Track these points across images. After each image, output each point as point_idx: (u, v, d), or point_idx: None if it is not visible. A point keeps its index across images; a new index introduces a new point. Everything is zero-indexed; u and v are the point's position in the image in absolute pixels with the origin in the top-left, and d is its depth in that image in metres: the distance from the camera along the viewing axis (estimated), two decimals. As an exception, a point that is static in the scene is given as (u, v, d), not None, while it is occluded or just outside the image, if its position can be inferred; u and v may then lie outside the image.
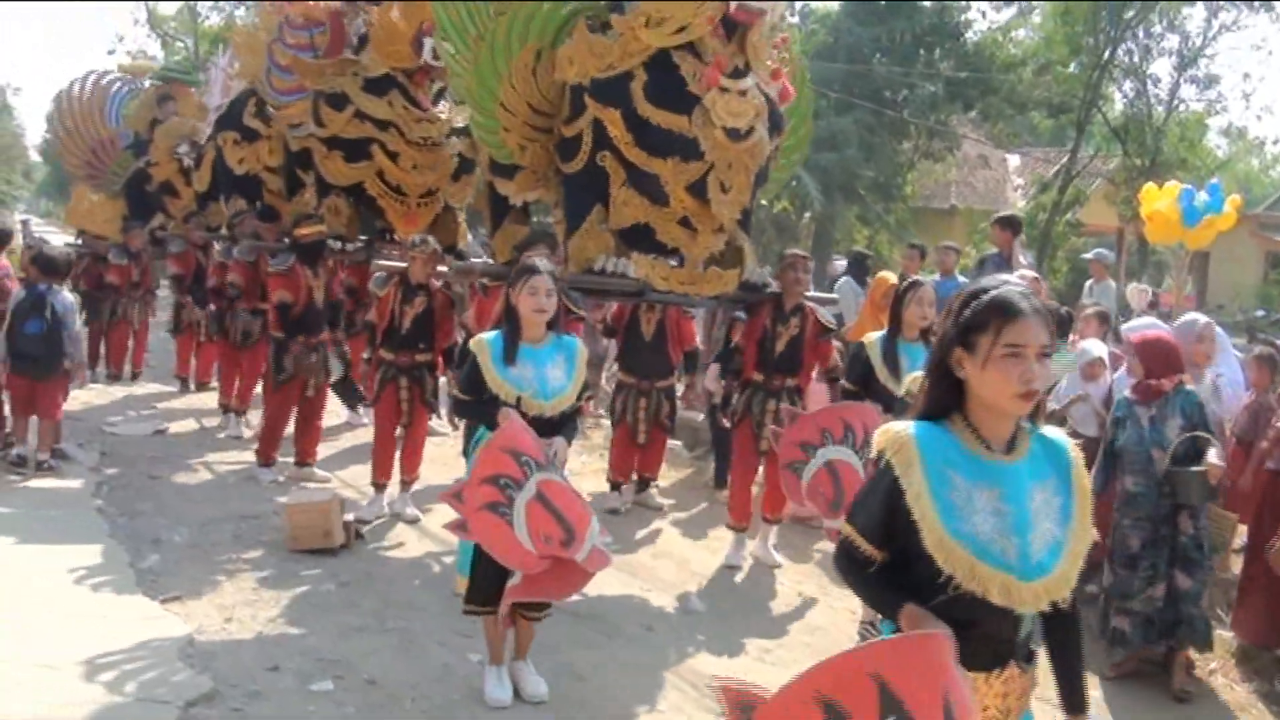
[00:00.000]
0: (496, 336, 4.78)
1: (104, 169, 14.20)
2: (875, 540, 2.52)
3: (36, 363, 8.26)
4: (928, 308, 5.78)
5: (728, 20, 5.94)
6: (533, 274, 4.72)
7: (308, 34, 8.97)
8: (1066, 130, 27.47)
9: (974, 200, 27.02)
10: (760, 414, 6.82)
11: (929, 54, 23.66)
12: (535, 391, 4.67)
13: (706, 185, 6.09)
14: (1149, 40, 24.82)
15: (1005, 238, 9.96)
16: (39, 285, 8.34)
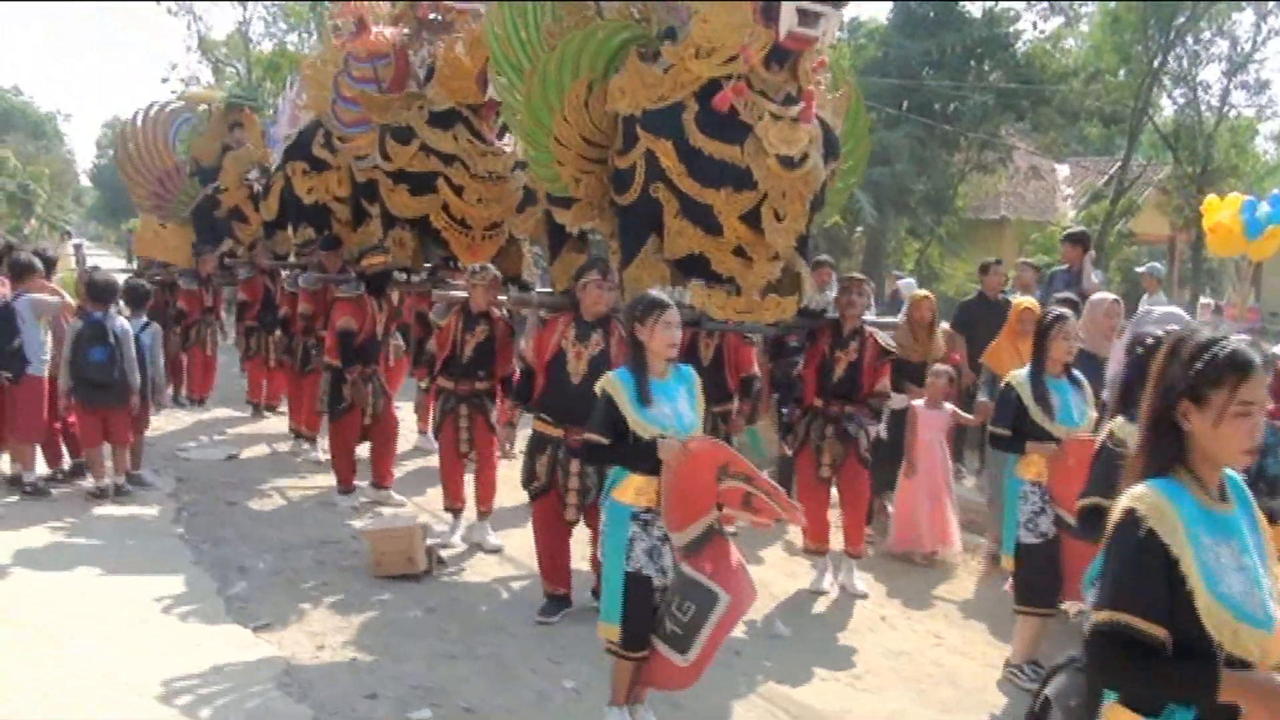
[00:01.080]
0: (626, 374, 4.55)
1: (171, 197, 14.29)
2: (1161, 619, 2.28)
3: (105, 389, 8.24)
4: (1075, 342, 5.51)
5: (778, 48, 5.79)
6: (664, 308, 4.52)
7: (372, 66, 8.93)
8: (1115, 139, 26.98)
9: (1024, 211, 26.57)
10: (820, 439, 6.67)
11: (979, 66, 23.32)
12: (674, 428, 4.46)
13: (760, 214, 5.95)
14: (1198, 46, 24.28)
15: (1075, 253, 9.71)
16: (96, 313, 8.31)
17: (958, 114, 23.38)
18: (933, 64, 22.84)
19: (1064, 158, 27.97)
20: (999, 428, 5.54)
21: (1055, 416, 5.39)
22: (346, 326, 8.26)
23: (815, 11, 5.63)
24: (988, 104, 22.88)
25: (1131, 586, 2.30)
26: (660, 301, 4.56)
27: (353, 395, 8.36)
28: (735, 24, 5.80)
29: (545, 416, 6.10)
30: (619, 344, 5.92)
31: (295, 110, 11.20)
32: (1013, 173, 25.33)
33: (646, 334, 4.51)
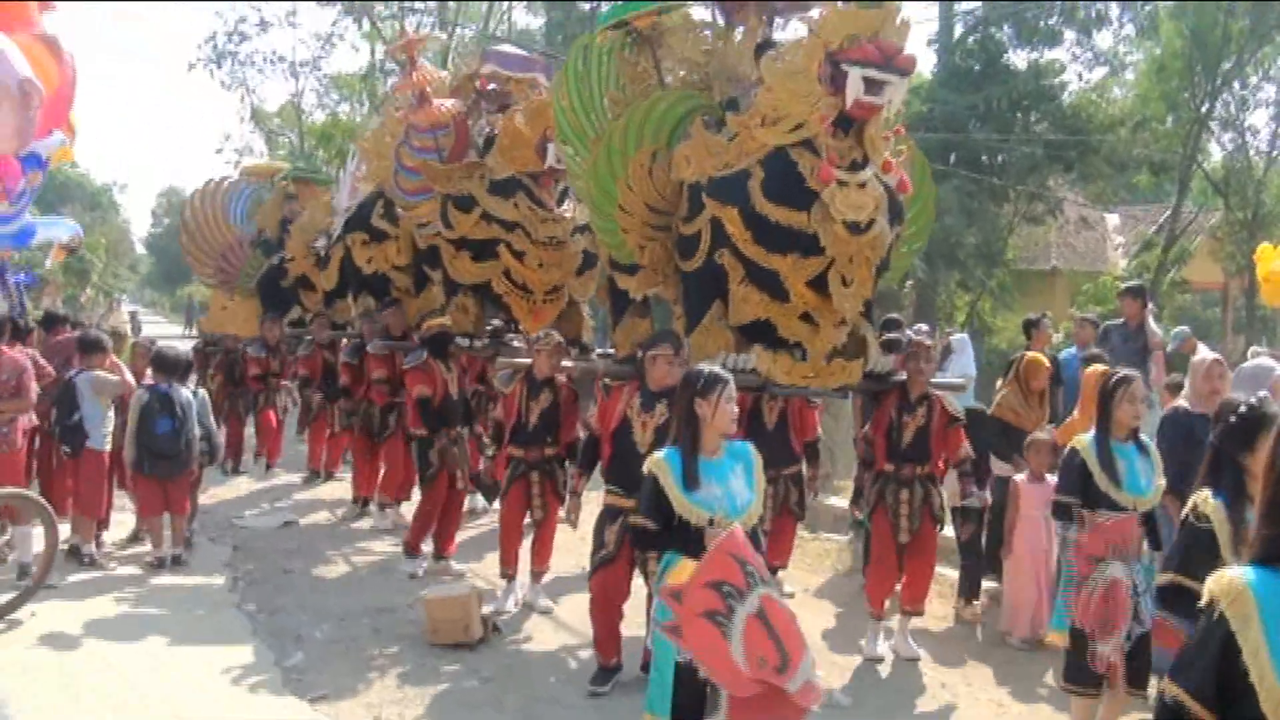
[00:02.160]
0: (674, 455, 4.40)
1: (235, 271, 14.51)
2: (1210, 704, 2.19)
3: (170, 461, 8.36)
4: (1141, 405, 5.34)
5: (844, 116, 5.82)
6: (727, 383, 4.41)
7: (433, 136, 9.10)
8: (1165, 186, 26.81)
9: (1075, 261, 26.43)
10: (894, 503, 6.63)
11: (1025, 117, 23.28)
12: (726, 510, 4.27)
13: (828, 280, 5.94)
14: (1245, 91, 24.18)
15: (1134, 308, 9.53)
16: (161, 385, 8.42)
17: (1005, 166, 23.33)
18: (979, 117, 22.84)
19: (1113, 207, 27.82)
20: (1063, 496, 5.39)
21: (1122, 484, 5.21)
22: (421, 394, 8.41)
23: (881, 80, 5.65)
24: (1035, 155, 22.80)
25: (1190, 665, 2.25)
26: (722, 376, 4.47)
27: (441, 460, 8.45)
28: (802, 93, 5.83)
29: (615, 488, 6.08)
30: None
31: (355, 182, 11.39)
32: (1062, 223, 25.22)
33: (709, 409, 4.38)
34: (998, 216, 23.86)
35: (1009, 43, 23.49)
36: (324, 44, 30.97)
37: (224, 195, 15.07)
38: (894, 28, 5.71)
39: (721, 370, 4.56)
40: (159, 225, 71.74)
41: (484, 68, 9.58)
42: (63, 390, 8.46)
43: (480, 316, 9.32)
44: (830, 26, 5.71)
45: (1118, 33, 24.37)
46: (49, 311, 11.07)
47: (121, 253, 62.53)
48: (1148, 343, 9.32)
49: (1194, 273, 24.93)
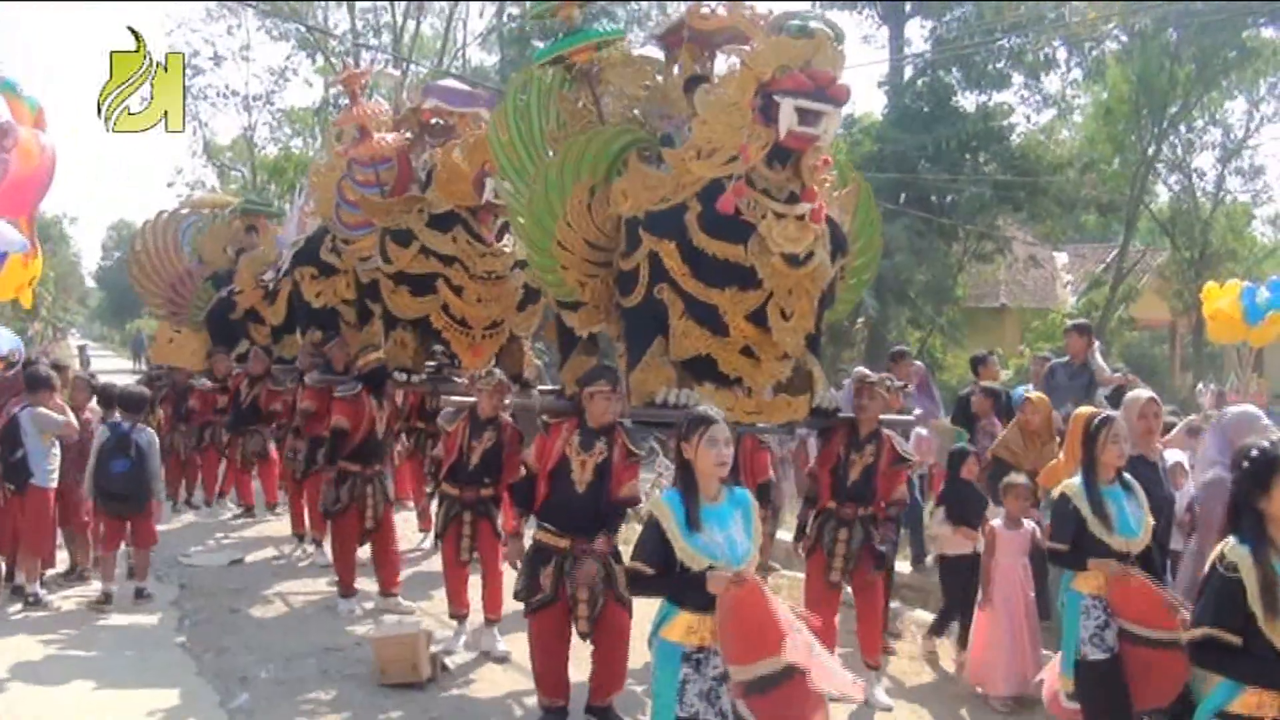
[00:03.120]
0: (674, 498, 4.20)
1: (185, 302, 14.29)
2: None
3: (125, 501, 8.31)
4: (1125, 444, 5.24)
5: (779, 147, 5.73)
6: (709, 423, 4.18)
7: (374, 170, 9.03)
8: (1113, 226, 27.14)
9: (1025, 299, 26.64)
10: (831, 543, 6.46)
11: (974, 158, 23.48)
12: (727, 558, 4.07)
13: (767, 313, 5.84)
14: (1191, 134, 24.55)
15: (1080, 344, 9.50)
16: (122, 424, 8.39)
17: (955, 205, 23.50)
18: (928, 157, 22.99)
19: (1062, 246, 28.10)
20: (1058, 543, 5.26)
21: (1113, 527, 5.12)
22: (338, 425, 8.20)
23: (815, 110, 5.57)
24: (984, 195, 22.98)
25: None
26: (705, 416, 4.26)
27: (350, 496, 8.20)
28: (735, 125, 5.75)
29: (549, 526, 5.92)
30: (622, 452, 5.80)
31: (303, 216, 11.32)
32: (1011, 261, 25.41)
33: (692, 452, 4.19)
34: (948, 255, 24.02)
35: (958, 85, 23.71)
36: (277, 79, 30.75)
37: (175, 226, 14.86)
38: (826, 57, 5.61)
39: (709, 410, 4.37)
40: (109, 259, 70.94)
41: (426, 102, 9.50)
42: (6, 427, 8.31)
43: (419, 351, 9.19)
44: (761, 58, 5.63)
45: (1065, 76, 24.69)
46: None
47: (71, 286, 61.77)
48: (1093, 379, 9.30)
49: (1142, 310, 25.22)
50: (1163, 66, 22.49)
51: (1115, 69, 23.59)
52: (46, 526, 8.44)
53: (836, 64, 5.69)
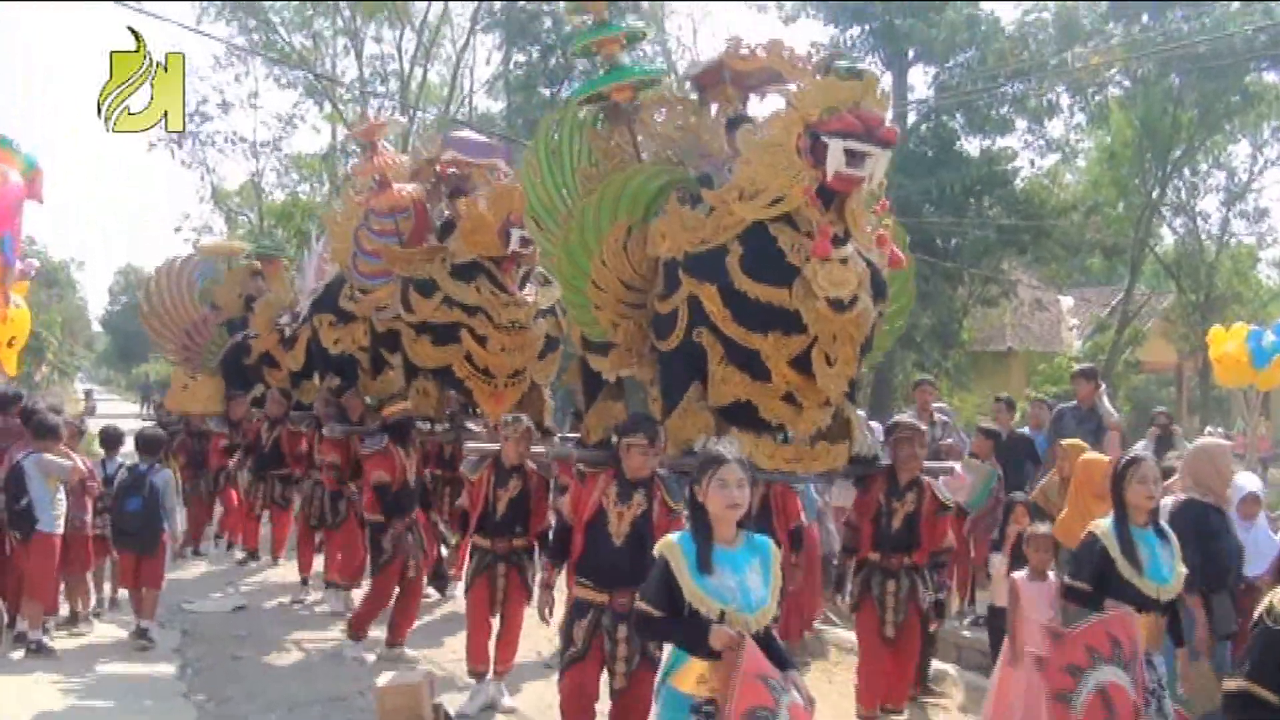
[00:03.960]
0: (686, 539, 4.02)
1: (199, 348, 14.19)
2: None
3: (137, 538, 8.43)
4: (1153, 485, 5.04)
5: (824, 189, 5.55)
6: (719, 464, 3.98)
7: (393, 220, 8.99)
8: (1118, 269, 27.04)
9: (1030, 343, 26.45)
10: (880, 595, 6.24)
11: (979, 202, 23.40)
12: (739, 605, 3.88)
13: (811, 359, 5.62)
14: (1196, 178, 24.51)
15: (1087, 389, 9.50)
16: (140, 465, 8.54)
17: (959, 249, 23.41)
18: (933, 201, 22.91)
19: (1067, 289, 27.98)
20: (1080, 582, 5.07)
21: (1144, 571, 4.92)
22: (380, 480, 8.13)
23: (862, 151, 5.41)
24: (989, 239, 22.93)
25: None
26: (716, 457, 4.06)
27: (395, 547, 8.13)
28: (780, 165, 5.57)
29: (585, 580, 5.65)
30: (660, 505, 5.57)
31: (321, 263, 11.27)
32: (1017, 305, 25.29)
33: (703, 494, 4.01)
34: (953, 299, 23.88)
35: (961, 130, 23.68)
36: (285, 125, 30.66)
37: (189, 272, 14.75)
38: (875, 99, 5.49)
39: (722, 450, 4.14)
40: (116, 303, 70.89)
41: (444, 154, 9.47)
42: (10, 474, 8.18)
43: (441, 400, 9.13)
44: (809, 98, 5.48)
45: (1068, 121, 24.65)
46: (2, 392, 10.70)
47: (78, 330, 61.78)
48: (1101, 423, 9.27)
49: (1148, 354, 25.05)
50: (1166, 111, 22.44)
51: (1118, 113, 23.55)
52: (52, 573, 8.33)
53: (884, 106, 5.57)
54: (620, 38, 7.07)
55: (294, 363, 11.78)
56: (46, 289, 56.32)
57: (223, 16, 28.54)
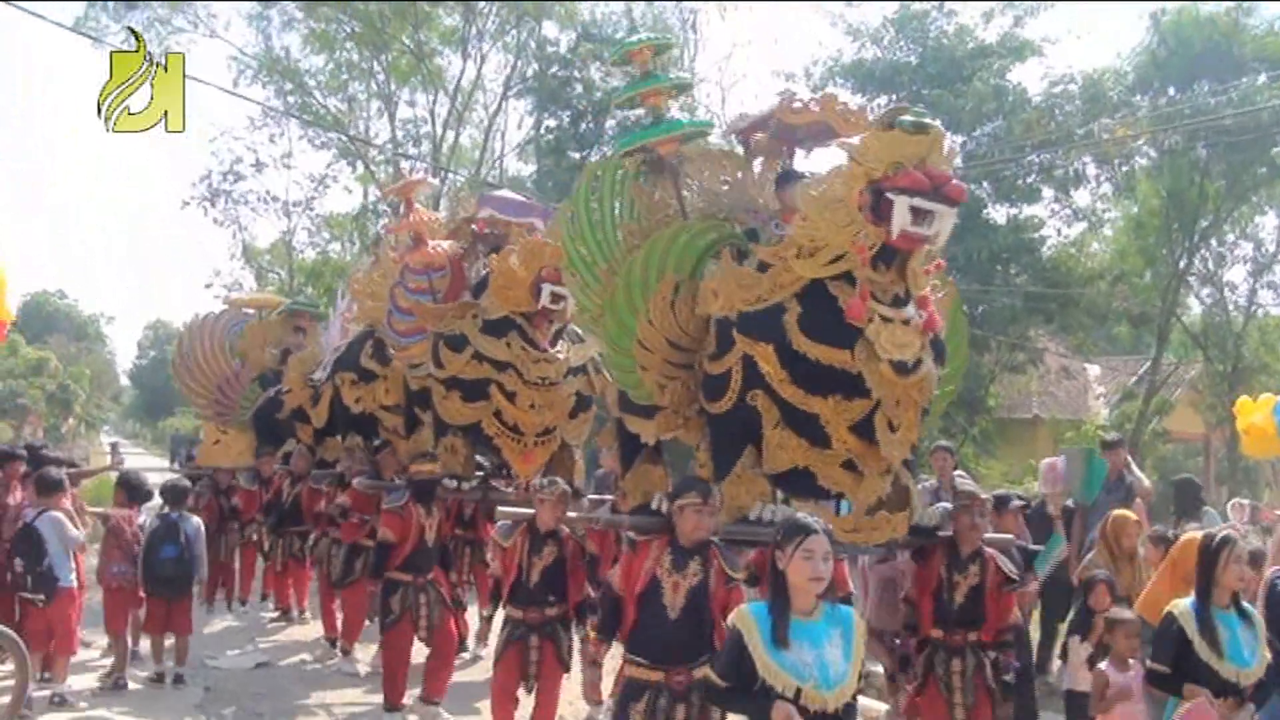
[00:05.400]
0: (761, 609, 3.78)
1: (232, 403, 14.01)
2: None
3: (171, 584, 8.60)
4: (1246, 567, 4.79)
5: (886, 248, 5.22)
6: (807, 534, 3.76)
7: (427, 278, 8.85)
8: (1144, 339, 26.60)
9: (1057, 410, 25.96)
10: (946, 675, 5.80)
11: (1005, 269, 23.06)
12: (817, 681, 3.63)
13: (873, 424, 5.25)
14: (1223, 248, 24.14)
15: (1118, 459, 9.35)
16: (171, 513, 8.69)
17: (986, 317, 23.00)
18: (959, 268, 22.48)
19: (1094, 358, 27.51)
20: (1159, 664, 4.76)
21: (1224, 654, 4.61)
22: (384, 538, 7.83)
23: (928, 209, 5.07)
24: (1016, 307, 22.55)
25: None
26: (803, 526, 3.80)
27: (402, 606, 7.77)
28: (840, 222, 5.24)
29: (639, 658, 5.20)
30: (718, 574, 5.15)
31: (345, 322, 11.18)
32: (1044, 372, 24.83)
33: (785, 562, 3.74)
34: (979, 365, 23.42)
35: (988, 198, 23.37)
36: (317, 185, 30.60)
37: (222, 327, 14.58)
38: (941, 155, 5.17)
39: (809, 519, 3.86)
40: (144, 357, 71.04)
41: (481, 212, 9.27)
42: (25, 536, 8.03)
43: (469, 458, 8.85)
44: (873, 153, 5.14)
45: (1095, 191, 24.30)
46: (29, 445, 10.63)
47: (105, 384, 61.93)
48: (1130, 492, 9.08)
49: (1176, 423, 24.55)
50: (1193, 181, 22.09)
51: (1145, 184, 23.23)
52: (73, 627, 8.36)
53: (950, 162, 5.23)
54: (667, 90, 6.81)
55: (318, 420, 11.64)
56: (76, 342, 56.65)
57: (259, 79, 28.66)
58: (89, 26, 25.81)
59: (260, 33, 28.70)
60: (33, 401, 37.76)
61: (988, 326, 22.81)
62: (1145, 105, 22.62)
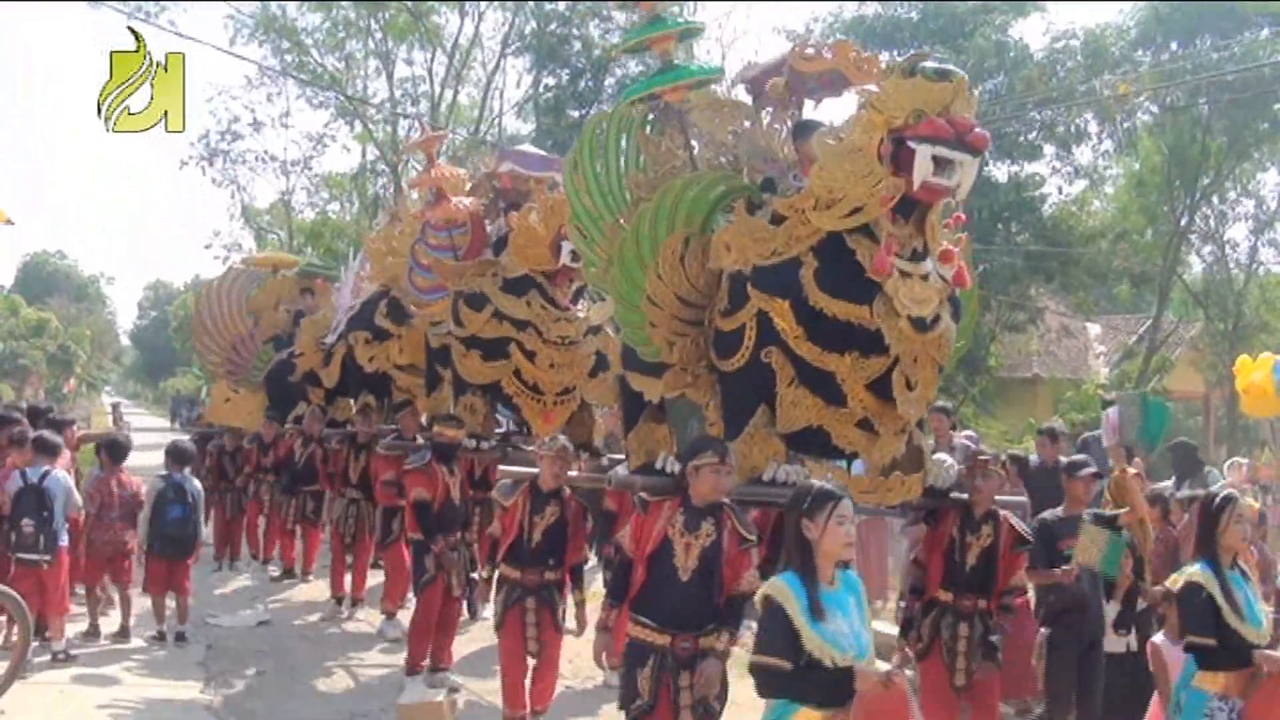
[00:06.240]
0: (794, 580, 3.63)
1: (245, 363, 13.98)
2: None
3: (178, 544, 8.73)
4: (1247, 526, 4.60)
5: (905, 199, 4.98)
6: (837, 500, 3.67)
7: (448, 235, 8.71)
8: (1145, 297, 26.40)
9: (1057, 369, 25.75)
10: (951, 640, 5.58)
11: (1006, 228, 22.79)
12: (855, 650, 3.55)
13: (890, 382, 5.03)
14: (1224, 206, 23.90)
15: None
16: (175, 474, 8.87)
17: (987, 275, 22.67)
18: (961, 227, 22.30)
19: (1094, 317, 27.33)
20: (1202, 637, 4.51)
21: (1244, 616, 4.44)
22: (420, 497, 7.69)
23: (951, 159, 4.84)
24: (1016, 265, 22.32)
25: None
26: (831, 493, 3.67)
27: (438, 565, 7.66)
28: (860, 173, 4.98)
29: (647, 620, 4.96)
30: (731, 535, 4.94)
31: (358, 281, 11.02)
32: (1044, 332, 24.63)
33: (817, 531, 3.61)
34: (979, 325, 23.20)
35: (990, 156, 23.04)
36: (316, 144, 30.22)
37: (240, 287, 14.52)
38: (965, 102, 4.92)
39: (832, 485, 3.75)
40: (145, 318, 70.70)
41: (502, 166, 9.04)
42: (35, 495, 7.91)
43: (489, 417, 8.73)
44: (893, 101, 4.88)
45: (1097, 148, 24.01)
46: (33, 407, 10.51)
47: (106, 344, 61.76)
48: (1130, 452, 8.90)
49: (1175, 382, 24.36)
50: (1194, 139, 21.88)
51: (1147, 141, 22.98)
52: (66, 584, 8.34)
53: (973, 109, 4.98)
54: (675, 34, 6.54)
55: (329, 380, 11.55)
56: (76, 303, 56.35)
57: (256, 38, 28.21)
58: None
59: (256, -9, 28.22)
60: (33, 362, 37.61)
61: (988, 285, 22.47)
62: (1147, 61, 22.32)
